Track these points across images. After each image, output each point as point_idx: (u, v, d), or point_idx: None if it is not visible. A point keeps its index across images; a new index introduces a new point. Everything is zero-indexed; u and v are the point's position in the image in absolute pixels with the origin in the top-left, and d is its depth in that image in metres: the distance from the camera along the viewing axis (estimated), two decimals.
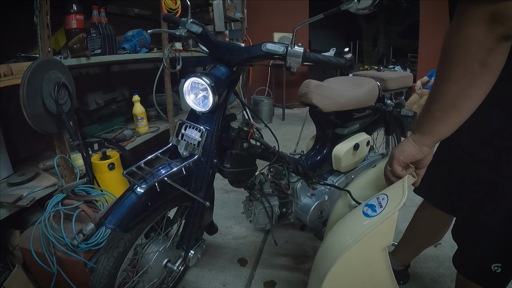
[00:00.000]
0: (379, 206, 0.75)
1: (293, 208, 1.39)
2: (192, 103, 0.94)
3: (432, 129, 0.66)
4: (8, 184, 1.30)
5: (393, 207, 0.72)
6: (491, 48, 0.53)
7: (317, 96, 1.26)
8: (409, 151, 0.71)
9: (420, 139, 0.69)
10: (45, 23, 1.23)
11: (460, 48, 0.56)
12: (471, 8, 0.53)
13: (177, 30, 0.99)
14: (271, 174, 1.34)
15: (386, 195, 0.76)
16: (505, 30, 0.51)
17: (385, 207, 0.74)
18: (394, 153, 0.74)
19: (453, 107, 0.61)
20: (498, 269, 0.76)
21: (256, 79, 4.35)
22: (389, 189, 0.78)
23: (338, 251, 0.77)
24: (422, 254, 1.33)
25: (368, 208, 0.77)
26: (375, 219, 0.74)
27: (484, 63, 0.55)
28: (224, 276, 1.37)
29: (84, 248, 1.04)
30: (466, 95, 0.59)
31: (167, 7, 2.09)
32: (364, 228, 0.74)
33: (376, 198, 0.78)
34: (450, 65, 0.59)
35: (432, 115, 0.64)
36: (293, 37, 0.86)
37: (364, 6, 0.71)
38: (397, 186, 0.76)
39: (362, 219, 0.76)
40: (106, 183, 1.52)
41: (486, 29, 0.52)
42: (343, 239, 0.79)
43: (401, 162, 0.73)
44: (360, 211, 0.79)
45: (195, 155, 0.94)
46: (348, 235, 0.78)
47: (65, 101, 1.33)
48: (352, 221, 0.81)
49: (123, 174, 0.85)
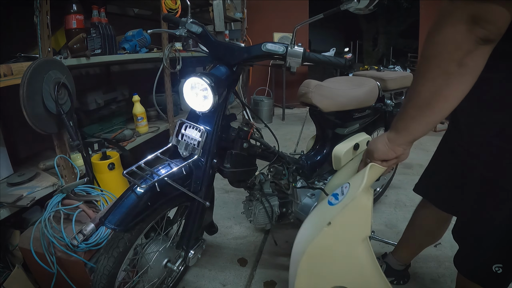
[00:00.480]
0: (341, 194, 0.76)
1: (293, 208, 1.39)
2: (192, 103, 0.94)
3: (407, 127, 0.66)
4: (8, 184, 1.30)
5: (353, 193, 0.73)
6: (469, 49, 0.53)
7: (317, 96, 1.26)
8: (382, 150, 0.71)
9: (394, 137, 0.69)
10: (45, 23, 1.23)
11: (438, 46, 0.56)
12: (453, 9, 0.53)
13: (177, 30, 0.99)
14: (271, 174, 1.34)
15: (349, 183, 0.77)
16: (484, 33, 0.51)
17: (346, 194, 0.75)
18: (369, 148, 0.75)
19: (428, 106, 0.60)
20: (499, 270, 0.75)
21: (256, 79, 4.35)
22: (353, 178, 0.79)
23: (305, 243, 0.77)
24: (422, 254, 1.34)
25: (333, 197, 0.78)
26: (337, 206, 0.75)
27: (461, 64, 0.54)
28: (224, 276, 1.37)
29: (84, 248, 1.04)
30: (441, 95, 0.58)
31: (167, 7, 2.09)
32: (327, 216, 0.75)
33: (341, 188, 0.79)
34: (427, 63, 0.58)
35: (407, 113, 0.64)
36: (293, 37, 0.86)
37: (364, 6, 0.71)
38: (359, 174, 0.77)
39: (326, 208, 0.77)
40: (106, 183, 1.52)
41: (466, 30, 0.52)
42: (309, 230, 0.79)
43: (376, 159, 0.74)
44: (326, 201, 0.80)
45: (195, 155, 0.94)
46: (314, 226, 0.78)
47: (65, 101, 1.33)
48: (318, 212, 0.82)
49: (123, 174, 0.85)
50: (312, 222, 0.82)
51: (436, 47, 0.56)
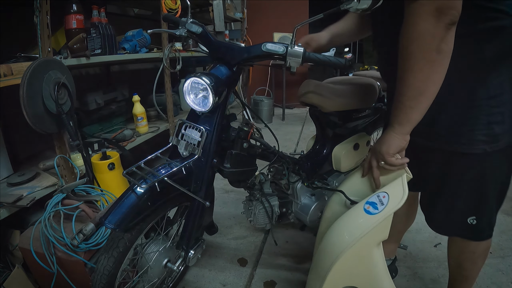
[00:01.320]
0: (380, 204, 0.78)
1: (293, 208, 1.39)
2: (192, 103, 0.94)
3: (408, 117, 0.74)
4: (8, 184, 1.30)
5: (395, 204, 0.76)
6: (442, 36, 0.63)
7: (317, 96, 1.26)
8: (396, 143, 0.78)
9: (400, 129, 0.76)
10: (45, 23, 1.23)
11: (417, 41, 0.65)
12: (419, 6, 0.62)
13: (177, 30, 0.99)
14: (271, 174, 1.34)
15: (387, 193, 0.79)
16: (450, 18, 0.61)
17: (387, 205, 0.77)
18: (381, 150, 0.81)
19: (421, 93, 0.69)
20: (474, 221, 0.87)
21: (256, 79, 4.35)
22: (389, 188, 0.81)
23: (339, 248, 0.79)
24: (422, 254, 1.34)
25: (369, 205, 0.80)
26: (377, 216, 0.77)
27: (439, 50, 0.64)
28: (224, 276, 1.37)
29: (84, 248, 1.04)
30: (430, 81, 0.67)
31: (167, 7, 2.09)
32: (367, 225, 0.77)
33: (377, 196, 0.80)
34: (411, 58, 0.67)
35: (404, 105, 0.72)
36: (293, 37, 0.86)
37: (364, 6, 0.70)
38: (396, 184, 0.80)
39: (364, 217, 0.79)
40: (106, 183, 1.52)
41: (435, 21, 0.61)
42: (344, 237, 0.80)
43: (391, 155, 0.80)
44: (361, 209, 0.80)
45: (195, 155, 0.94)
46: (349, 233, 0.79)
47: (65, 101, 1.33)
48: (353, 219, 0.82)
49: (123, 174, 0.85)
50: (347, 228, 0.81)
51: (416, 42, 0.65)
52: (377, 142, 0.84)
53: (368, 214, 0.78)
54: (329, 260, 0.81)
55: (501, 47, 0.70)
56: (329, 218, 1.00)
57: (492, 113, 0.74)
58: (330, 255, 0.81)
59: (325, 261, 0.83)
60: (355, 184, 0.97)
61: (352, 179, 1.00)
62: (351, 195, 0.94)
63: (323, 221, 1.02)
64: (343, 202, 0.97)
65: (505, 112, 0.74)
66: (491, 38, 0.69)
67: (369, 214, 0.78)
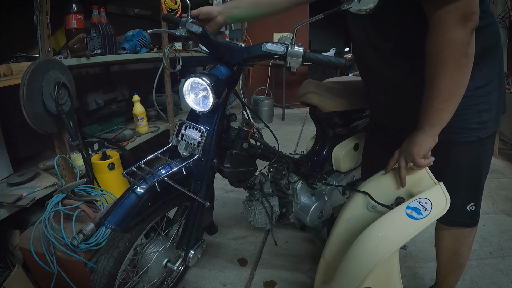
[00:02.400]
0: (424, 210, 0.80)
1: (293, 208, 1.39)
2: (192, 103, 0.94)
3: (440, 119, 0.77)
4: (8, 184, 1.30)
5: (439, 210, 0.80)
6: (468, 41, 0.67)
7: (317, 96, 1.26)
8: (427, 144, 0.81)
9: (431, 131, 0.79)
10: (45, 23, 1.23)
11: (448, 49, 0.68)
12: (447, 14, 0.65)
13: (177, 30, 0.99)
14: (271, 174, 1.34)
15: (429, 200, 0.82)
16: (474, 23, 0.66)
17: (431, 211, 0.79)
18: (412, 151, 0.83)
19: (453, 96, 0.73)
20: (473, 207, 0.92)
21: (256, 79, 4.35)
22: (429, 194, 0.83)
23: (383, 252, 0.79)
24: (422, 254, 1.34)
25: (412, 211, 0.81)
26: (422, 222, 0.79)
27: (467, 55, 0.69)
28: (224, 276, 1.37)
29: (84, 248, 1.04)
30: (460, 83, 0.72)
31: (167, 7, 2.09)
32: (412, 230, 0.78)
33: (418, 202, 0.82)
34: (443, 65, 0.70)
35: (436, 108, 0.75)
36: (293, 37, 0.86)
37: (364, 7, 0.70)
38: (436, 191, 0.83)
39: (408, 222, 0.80)
40: (106, 183, 1.52)
41: (462, 27, 0.65)
42: (388, 241, 0.80)
43: (422, 156, 0.82)
44: (403, 214, 0.81)
45: (195, 155, 0.94)
46: (394, 238, 0.80)
47: (65, 101, 1.33)
48: (395, 224, 0.82)
49: (123, 174, 0.85)
50: (391, 232, 0.82)
51: (447, 50, 0.68)
52: (407, 143, 0.86)
53: (411, 218, 0.79)
54: (368, 263, 0.80)
55: (484, 43, 0.76)
56: (348, 219, 0.99)
57: (480, 102, 0.80)
58: (369, 258, 0.80)
59: (361, 264, 0.82)
60: (382, 187, 0.97)
61: (379, 182, 0.99)
62: (377, 198, 0.94)
63: (340, 223, 1.01)
64: (365, 204, 0.97)
65: (490, 100, 0.81)
66: (477, 36, 0.73)
67: (413, 219, 0.79)
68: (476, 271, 1.36)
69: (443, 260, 1.08)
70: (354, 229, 0.98)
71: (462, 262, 1.07)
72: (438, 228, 1.04)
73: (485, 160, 0.89)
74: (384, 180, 0.96)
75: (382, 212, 0.94)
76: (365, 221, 0.96)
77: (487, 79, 0.80)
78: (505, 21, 3.08)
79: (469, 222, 0.96)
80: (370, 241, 0.82)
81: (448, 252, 1.05)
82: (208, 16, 1.03)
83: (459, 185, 0.90)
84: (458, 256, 1.04)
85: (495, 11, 3.06)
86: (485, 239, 1.57)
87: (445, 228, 1.01)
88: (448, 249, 1.05)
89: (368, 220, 0.95)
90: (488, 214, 1.78)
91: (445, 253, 1.06)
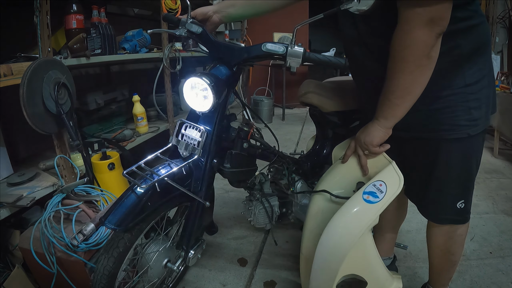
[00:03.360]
0: (379, 192, 0.82)
1: (293, 208, 1.39)
2: (192, 103, 0.94)
3: (394, 113, 0.80)
4: (8, 184, 1.30)
5: (394, 189, 0.81)
6: (432, 44, 0.69)
7: (317, 96, 1.26)
8: (379, 135, 0.85)
9: (385, 123, 0.83)
10: (45, 23, 1.23)
11: (410, 48, 0.70)
12: (414, 15, 0.67)
13: (177, 30, 0.99)
14: (271, 174, 1.34)
15: (383, 181, 0.83)
16: (440, 29, 0.67)
17: (386, 191, 0.81)
18: (365, 140, 0.87)
19: (409, 93, 0.76)
20: (462, 205, 0.93)
21: (256, 79, 4.35)
22: (382, 176, 0.85)
23: (349, 241, 0.81)
24: (422, 254, 1.34)
25: (369, 195, 0.83)
26: (380, 204, 0.80)
27: (429, 56, 0.70)
28: (224, 276, 1.37)
29: (84, 248, 1.04)
30: (417, 82, 0.74)
31: (167, 7, 2.09)
32: (371, 214, 0.80)
33: (373, 185, 0.84)
34: (403, 62, 0.72)
35: (392, 102, 0.79)
36: (293, 37, 0.86)
37: (364, 7, 0.70)
38: (388, 171, 0.85)
39: (366, 206, 0.81)
40: (106, 183, 1.52)
41: (428, 31, 0.67)
42: (350, 229, 0.82)
43: (375, 145, 0.86)
44: (360, 199, 0.83)
45: (195, 155, 0.94)
46: (356, 225, 0.81)
47: (65, 101, 1.33)
48: (355, 211, 0.83)
49: (123, 174, 0.85)
50: (352, 220, 0.83)
51: (409, 49, 0.70)
52: (361, 133, 0.89)
53: (369, 203, 0.81)
54: (339, 254, 0.82)
55: (474, 42, 0.78)
56: (315, 214, 1.00)
57: (470, 99, 0.81)
58: (339, 249, 0.82)
59: (333, 256, 0.84)
60: (335, 178, 1.00)
61: (331, 175, 1.01)
62: (333, 190, 0.96)
63: (309, 218, 1.02)
64: (328, 197, 0.97)
65: (480, 98, 0.82)
66: (466, 35, 0.76)
67: (371, 203, 0.81)
68: (476, 271, 1.36)
69: (436, 259, 1.09)
70: (324, 222, 0.99)
71: (455, 260, 1.06)
72: (429, 226, 1.04)
73: (475, 157, 0.90)
74: (341, 168, 0.99)
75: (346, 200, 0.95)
76: (332, 212, 0.97)
77: (477, 77, 0.81)
78: (505, 21, 3.08)
79: (459, 219, 0.96)
80: (334, 233, 0.84)
81: (440, 250, 1.05)
82: (204, 17, 1.04)
83: (449, 183, 0.90)
84: (451, 254, 1.04)
85: (495, 11, 3.06)
86: (485, 239, 1.57)
87: (436, 226, 1.01)
88: (440, 247, 1.05)
89: (334, 210, 0.97)
90: (488, 214, 1.78)
91: (437, 252, 1.06)
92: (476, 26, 0.77)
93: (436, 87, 0.80)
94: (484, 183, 2.15)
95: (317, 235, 1.00)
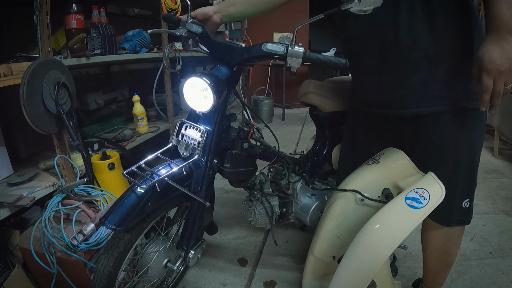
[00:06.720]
0: (422, 199, 0.82)
1: (293, 208, 1.39)
2: (192, 103, 0.94)
3: None
4: (8, 184, 1.30)
5: (437, 198, 0.81)
6: None
7: (317, 96, 1.26)
8: None
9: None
10: (45, 23, 1.23)
11: None
12: None
13: (177, 30, 0.99)
14: (271, 174, 1.34)
15: (425, 189, 0.83)
16: None
17: (429, 199, 0.81)
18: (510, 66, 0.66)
19: None
20: (468, 204, 0.92)
21: (256, 79, 4.35)
22: (422, 184, 0.85)
23: (391, 243, 0.80)
24: (422, 254, 1.32)
25: (412, 201, 0.83)
26: (424, 210, 0.80)
27: None
28: (224, 276, 1.37)
29: (84, 248, 1.04)
30: None
31: (167, 7, 2.09)
32: (415, 219, 0.80)
33: (415, 192, 0.84)
34: None
35: None
36: (293, 37, 0.86)
37: (365, 7, 0.70)
38: (427, 180, 0.85)
39: (411, 212, 0.81)
40: (106, 183, 1.52)
41: None
42: (393, 232, 0.81)
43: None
44: (403, 204, 0.83)
45: (195, 155, 0.94)
46: (399, 228, 0.81)
47: (65, 101, 1.33)
48: (398, 215, 0.83)
49: (123, 174, 0.85)
50: (395, 223, 0.83)
51: None
52: (501, 62, 0.66)
53: (413, 208, 0.81)
54: (379, 256, 0.80)
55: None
56: (338, 215, 0.99)
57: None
58: (379, 251, 0.81)
59: (372, 257, 0.82)
60: (364, 181, 0.98)
61: (361, 177, 1.00)
62: (367, 193, 0.95)
63: (329, 219, 1.01)
64: (353, 199, 0.97)
65: None
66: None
67: (415, 209, 0.81)
68: (476, 271, 1.36)
69: (432, 260, 1.08)
70: (344, 224, 0.99)
71: (452, 261, 1.06)
72: (427, 229, 1.03)
73: (478, 149, 0.89)
74: (368, 173, 0.97)
75: (371, 205, 0.95)
76: (356, 215, 0.96)
77: None
78: None
79: (465, 220, 0.95)
80: (374, 234, 0.83)
81: (437, 253, 1.04)
82: (204, 17, 1.03)
83: (458, 177, 0.89)
84: (448, 255, 1.04)
85: None
86: (485, 239, 1.57)
87: (434, 228, 0.99)
88: (437, 249, 1.04)
89: (359, 214, 0.96)
90: (488, 214, 1.78)
91: (434, 254, 1.05)
92: (475, 24, 0.78)
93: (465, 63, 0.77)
94: (484, 183, 2.15)
95: (334, 237, 1.00)
